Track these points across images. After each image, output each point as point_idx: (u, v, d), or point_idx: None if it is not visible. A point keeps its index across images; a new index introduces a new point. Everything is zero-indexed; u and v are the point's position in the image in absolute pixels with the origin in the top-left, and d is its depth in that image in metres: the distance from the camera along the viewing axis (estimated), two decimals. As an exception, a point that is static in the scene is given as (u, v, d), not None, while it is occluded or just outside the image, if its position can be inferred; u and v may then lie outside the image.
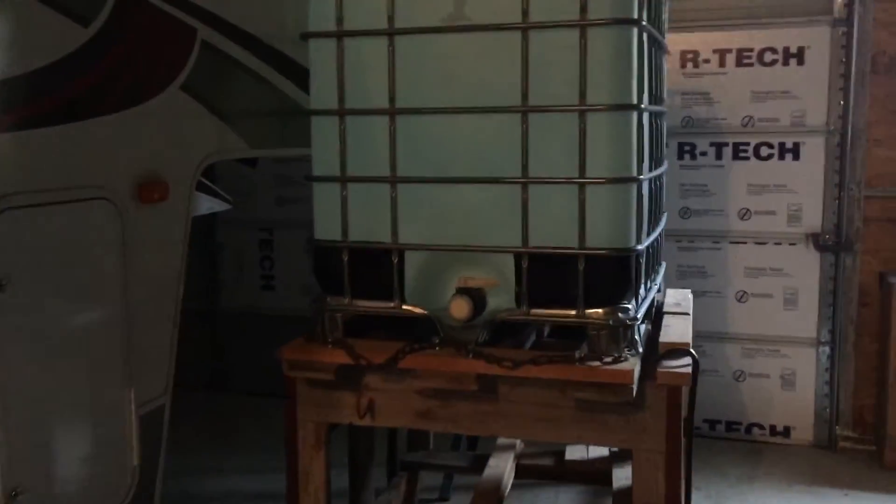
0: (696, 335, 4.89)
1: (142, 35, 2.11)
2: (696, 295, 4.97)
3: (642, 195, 2.56)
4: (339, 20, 2.60)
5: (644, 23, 2.49)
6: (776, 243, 4.80)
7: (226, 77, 2.49)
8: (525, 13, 2.45)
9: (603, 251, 2.49)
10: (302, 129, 2.68)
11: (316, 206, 2.75)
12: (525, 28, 2.45)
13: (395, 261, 2.65)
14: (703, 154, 4.84)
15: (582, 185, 2.47)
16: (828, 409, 4.82)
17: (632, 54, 2.45)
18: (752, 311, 4.89)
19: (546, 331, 3.04)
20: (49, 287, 1.91)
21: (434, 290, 2.67)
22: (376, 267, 2.68)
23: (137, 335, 2.11)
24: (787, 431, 4.92)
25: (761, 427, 4.96)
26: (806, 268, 4.77)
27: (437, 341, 2.59)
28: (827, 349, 4.79)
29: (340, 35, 2.61)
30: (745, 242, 4.85)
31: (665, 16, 3.17)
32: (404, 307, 2.68)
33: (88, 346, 2.00)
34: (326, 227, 2.72)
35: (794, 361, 4.86)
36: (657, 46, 2.88)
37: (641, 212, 2.56)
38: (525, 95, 2.48)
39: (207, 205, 4.16)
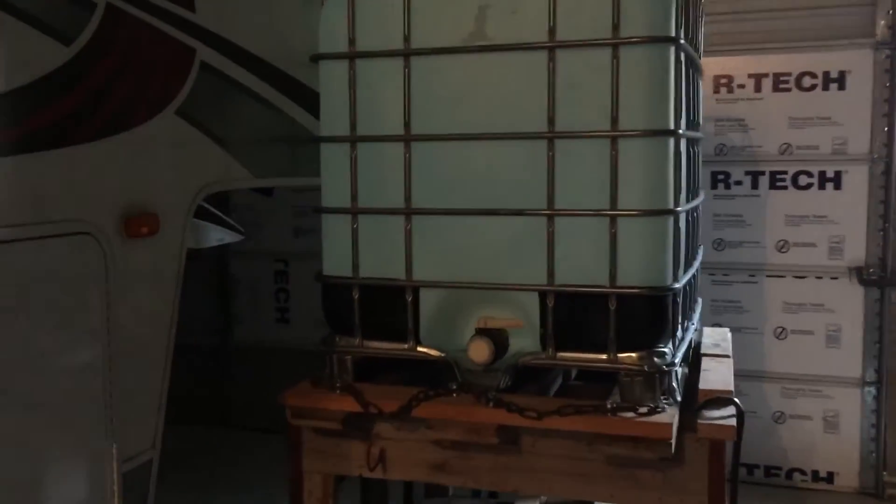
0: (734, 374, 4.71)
1: (132, 55, 1.93)
2: (732, 331, 4.73)
3: (679, 229, 2.34)
4: (351, 41, 2.42)
5: (682, 41, 2.28)
6: (817, 277, 4.55)
7: (228, 102, 2.31)
8: (552, 32, 2.26)
9: (637, 289, 2.27)
10: (313, 157, 2.51)
11: (325, 239, 2.56)
12: (552, 47, 2.26)
13: (410, 299, 2.45)
14: (738, 183, 4.61)
15: (613, 218, 2.26)
16: (874, 454, 4.53)
17: (669, 75, 2.25)
18: (791, 349, 4.62)
19: (574, 373, 2.82)
20: (21, 331, 1.71)
21: (452, 330, 2.46)
22: (389, 305, 2.48)
23: (122, 382, 1.91)
24: (830, 477, 4.63)
25: (803, 472, 4.67)
26: (849, 303, 4.50)
27: (455, 387, 2.38)
28: (873, 389, 4.51)
29: (352, 57, 2.43)
30: (783, 276, 4.60)
31: (701, 35, 2.96)
32: (419, 349, 2.47)
33: (66, 395, 1.80)
34: (336, 262, 2.54)
35: (837, 402, 4.59)
36: (694, 68, 2.67)
37: (678, 246, 2.34)
38: (552, 120, 2.28)
39: (217, 236, 3.99)
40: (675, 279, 2.35)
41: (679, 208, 2.34)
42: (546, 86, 2.27)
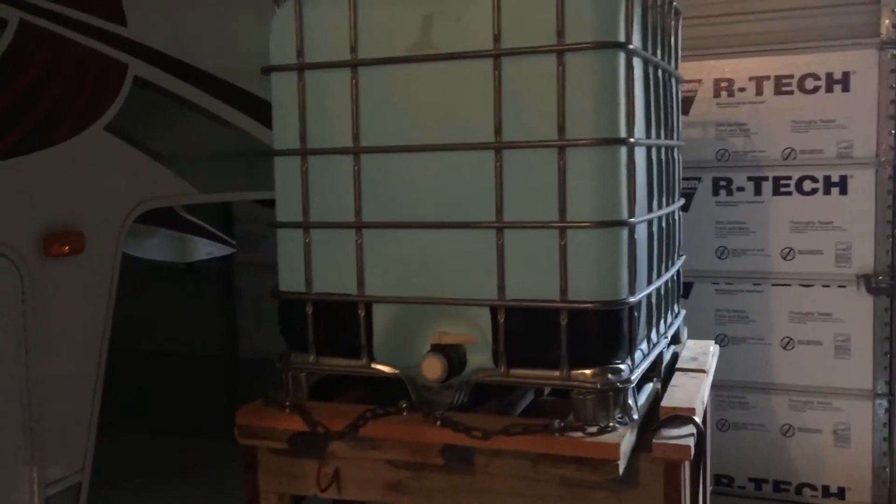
0: (739, 386, 4.58)
1: (52, 72, 1.91)
2: (737, 342, 4.62)
3: (636, 239, 2.26)
4: (300, 52, 2.38)
5: (633, 46, 2.20)
6: (824, 285, 4.38)
7: (168, 116, 2.28)
8: (497, 39, 2.19)
9: (588, 304, 2.20)
10: (272, 170, 2.47)
11: (280, 254, 2.53)
12: (497, 55, 2.20)
13: (362, 314, 2.40)
14: (741, 189, 4.47)
15: (563, 230, 2.18)
16: (887, 469, 4.36)
17: (617, 82, 2.17)
18: (799, 360, 4.46)
19: (547, 389, 2.75)
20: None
21: (407, 346, 2.41)
22: (343, 321, 2.43)
23: (45, 406, 1.89)
24: (841, 493, 4.46)
25: (813, 487, 4.50)
26: (858, 312, 4.33)
27: (405, 405, 2.32)
28: (884, 402, 4.33)
29: (301, 68, 2.40)
30: (789, 284, 4.44)
31: (674, 39, 2.87)
32: (373, 366, 2.42)
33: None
34: (291, 278, 2.50)
35: (847, 415, 4.41)
36: (661, 73, 2.58)
37: (635, 258, 2.25)
38: (498, 130, 2.22)
39: (207, 249, 3.99)
40: (632, 292, 2.26)
41: (634, 219, 2.25)
42: (492, 95, 2.21)
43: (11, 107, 1.84)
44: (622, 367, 2.24)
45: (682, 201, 3.03)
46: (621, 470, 2.07)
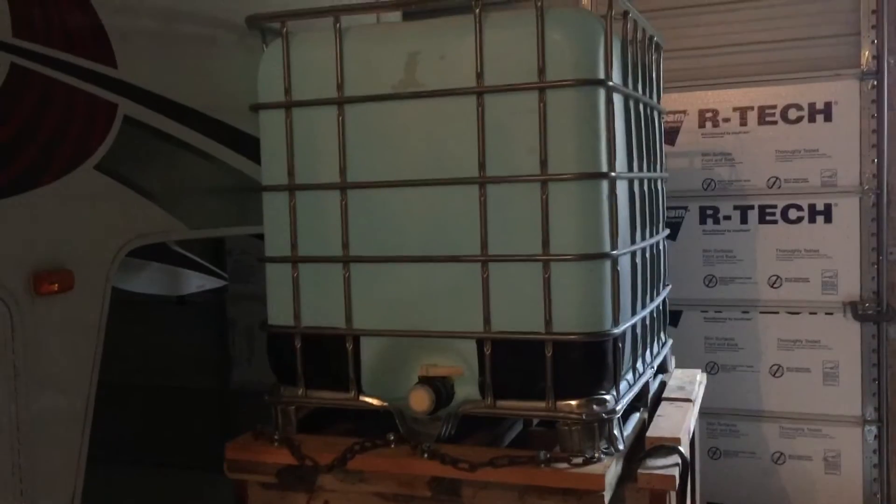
0: (729, 413, 4.60)
1: (43, 113, 1.94)
2: (727, 370, 4.64)
3: (619, 271, 2.29)
4: (287, 90, 2.43)
5: (612, 83, 2.25)
6: (811, 313, 4.42)
7: (157, 155, 2.32)
8: (480, 76, 2.24)
9: (573, 336, 2.23)
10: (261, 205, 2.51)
11: (269, 288, 2.56)
12: (480, 92, 2.25)
13: (350, 347, 2.42)
14: (727, 218, 4.52)
15: (546, 263, 2.22)
16: (878, 495, 4.37)
17: (598, 118, 2.22)
18: (788, 387, 4.49)
19: (535, 420, 2.77)
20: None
21: (395, 379, 2.44)
22: (332, 355, 2.46)
23: (34, 444, 1.90)
24: (833, 520, 4.47)
25: (805, 514, 4.51)
26: (845, 339, 4.37)
27: (392, 438, 2.34)
28: (874, 428, 4.35)
29: (289, 106, 2.44)
30: (776, 312, 4.48)
31: (656, 74, 2.93)
32: (362, 398, 2.44)
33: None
34: (279, 312, 2.53)
35: (837, 442, 4.43)
36: (642, 106, 2.63)
37: (618, 290, 2.29)
38: (482, 165, 2.26)
39: (198, 282, 4.01)
40: (616, 324, 2.29)
41: (617, 251, 2.28)
42: (476, 130, 2.25)
43: (2, 147, 1.87)
44: (607, 397, 2.26)
45: (667, 231, 3.08)
46: (607, 500, 2.09)
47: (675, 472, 2.19)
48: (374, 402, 2.42)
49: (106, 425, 2.68)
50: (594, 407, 2.23)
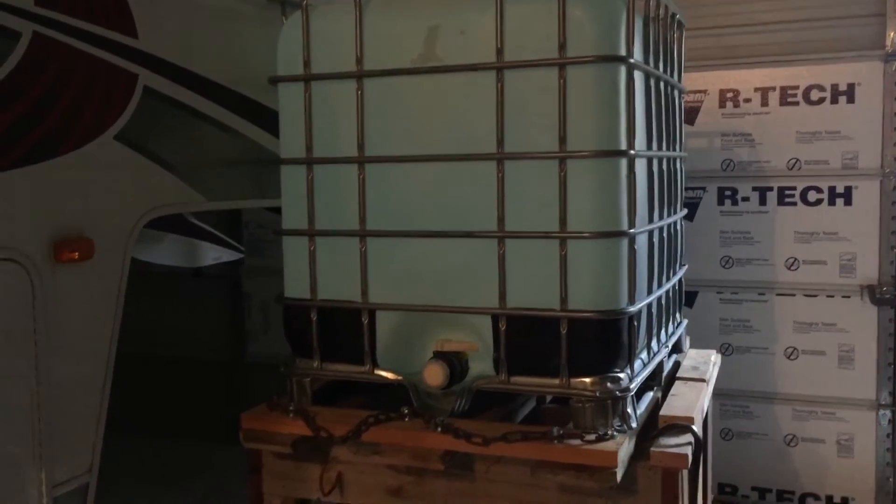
0: (743, 395, 4.59)
1: (64, 83, 1.95)
2: (741, 351, 4.63)
3: (636, 250, 2.29)
4: (306, 63, 2.43)
5: (634, 59, 2.23)
6: (828, 296, 4.40)
7: (177, 126, 2.33)
8: (500, 52, 2.23)
9: (588, 313, 2.23)
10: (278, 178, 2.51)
11: (286, 261, 2.57)
12: (500, 67, 2.23)
13: (366, 321, 2.43)
14: (746, 199, 4.49)
15: (563, 240, 2.22)
16: (891, 479, 4.36)
17: (618, 95, 2.21)
18: (803, 370, 4.48)
19: (549, 397, 2.78)
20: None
21: (410, 353, 2.45)
22: (347, 328, 2.47)
23: (54, 409, 1.93)
24: (845, 503, 4.46)
25: (816, 497, 4.51)
26: (862, 323, 4.34)
27: (406, 411, 2.35)
28: (888, 412, 4.34)
29: (308, 79, 2.44)
30: (793, 294, 4.46)
31: (677, 52, 2.90)
32: (377, 372, 2.45)
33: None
34: (296, 285, 2.54)
35: (851, 425, 4.42)
36: (662, 85, 2.61)
37: (634, 268, 2.28)
38: (501, 141, 2.25)
39: (214, 254, 4.03)
40: (632, 302, 2.29)
41: (635, 230, 2.28)
42: (495, 107, 2.25)
43: (24, 116, 1.88)
44: (621, 375, 2.27)
45: (685, 212, 3.06)
46: (619, 477, 2.10)
47: (688, 451, 2.19)
48: (389, 375, 2.44)
49: (122, 395, 2.72)
50: (608, 384, 2.23)
